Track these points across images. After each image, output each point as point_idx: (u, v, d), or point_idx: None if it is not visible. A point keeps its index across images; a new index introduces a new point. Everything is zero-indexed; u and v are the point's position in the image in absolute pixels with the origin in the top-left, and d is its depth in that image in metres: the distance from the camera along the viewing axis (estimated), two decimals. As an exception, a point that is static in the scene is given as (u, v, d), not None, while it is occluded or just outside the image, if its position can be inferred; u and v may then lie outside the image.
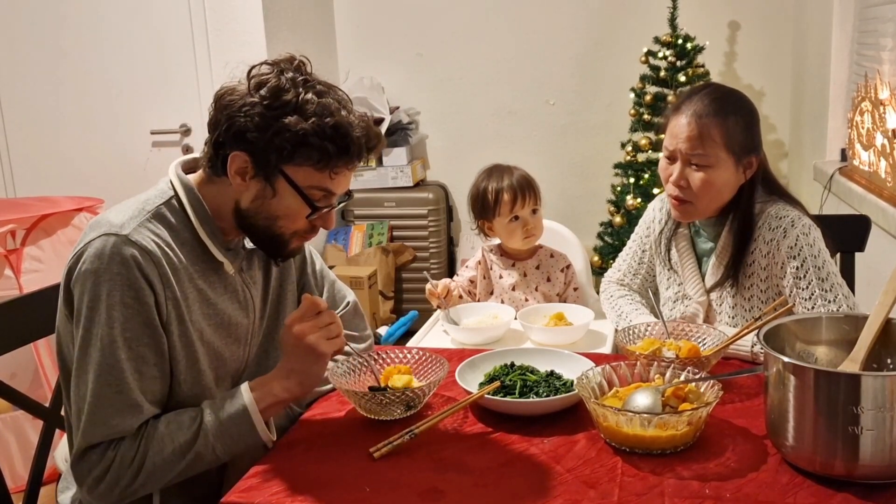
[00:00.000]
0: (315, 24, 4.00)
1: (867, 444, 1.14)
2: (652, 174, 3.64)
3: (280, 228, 1.40)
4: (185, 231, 1.39)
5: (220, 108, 1.35)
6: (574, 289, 2.31)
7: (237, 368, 1.49)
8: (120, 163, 3.73)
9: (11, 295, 2.15)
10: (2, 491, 1.52)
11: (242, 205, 1.39)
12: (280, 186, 1.35)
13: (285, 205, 1.37)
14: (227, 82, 1.37)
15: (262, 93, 1.31)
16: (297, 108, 1.31)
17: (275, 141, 1.31)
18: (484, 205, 2.27)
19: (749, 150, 1.74)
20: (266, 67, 1.35)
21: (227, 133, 1.33)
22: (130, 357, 1.30)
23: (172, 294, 1.34)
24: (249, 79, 1.34)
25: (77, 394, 1.32)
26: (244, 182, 1.36)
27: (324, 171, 1.35)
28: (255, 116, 1.31)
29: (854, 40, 3.17)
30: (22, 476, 2.68)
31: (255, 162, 1.34)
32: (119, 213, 1.36)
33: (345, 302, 1.69)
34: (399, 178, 4.05)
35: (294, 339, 1.36)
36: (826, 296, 1.68)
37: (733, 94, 1.79)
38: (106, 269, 1.29)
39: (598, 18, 3.98)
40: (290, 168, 1.34)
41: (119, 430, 1.29)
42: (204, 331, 1.40)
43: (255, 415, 1.34)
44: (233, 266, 1.45)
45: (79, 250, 1.32)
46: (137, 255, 1.30)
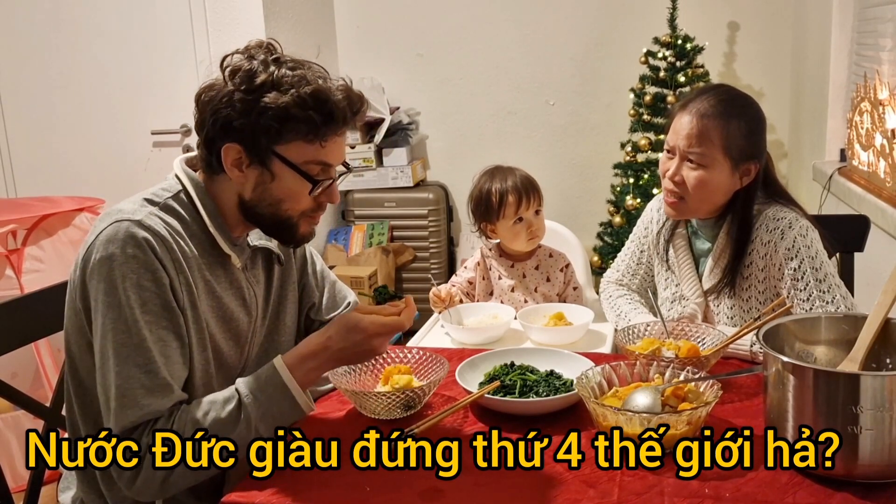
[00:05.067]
0: (316, 25, 4.01)
1: (866, 444, 1.14)
2: (651, 174, 3.65)
3: (286, 212, 1.39)
4: (194, 224, 1.39)
5: (202, 107, 1.35)
6: (574, 288, 2.31)
7: (234, 367, 1.48)
8: (121, 163, 3.73)
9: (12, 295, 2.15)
10: (3, 490, 1.52)
11: (245, 196, 1.39)
12: (277, 168, 1.35)
13: (286, 186, 1.37)
14: (204, 81, 1.37)
15: (237, 80, 1.32)
16: (274, 85, 1.31)
17: (260, 122, 1.31)
18: (487, 207, 2.24)
19: (748, 157, 1.73)
20: (237, 56, 1.35)
21: (214, 128, 1.34)
22: (153, 339, 1.28)
23: (185, 280, 1.34)
24: (223, 70, 1.34)
25: (104, 384, 1.29)
26: (242, 172, 1.36)
27: (314, 143, 1.35)
28: (237, 104, 1.31)
29: (853, 41, 3.17)
30: (23, 476, 2.68)
31: (247, 149, 1.34)
32: (129, 203, 1.36)
33: (346, 302, 1.70)
34: (399, 179, 4.06)
35: (362, 332, 1.35)
36: (824, 297, 1.68)
37: (741, 99, 1.78)
38: (120, 253, 1.28)
39: (598, 18, 3.98)
40: (282, 147, 1.34)
41: (151, 410, 1.26)
42: (209, 322, 1.40)
43: (297, 393, 1.32)
44: (239, 260, 1.45)
45: (90, 242, 1.31)
46: (150, 239, 1.29)
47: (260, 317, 1.52)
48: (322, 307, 1.66)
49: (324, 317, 1.66)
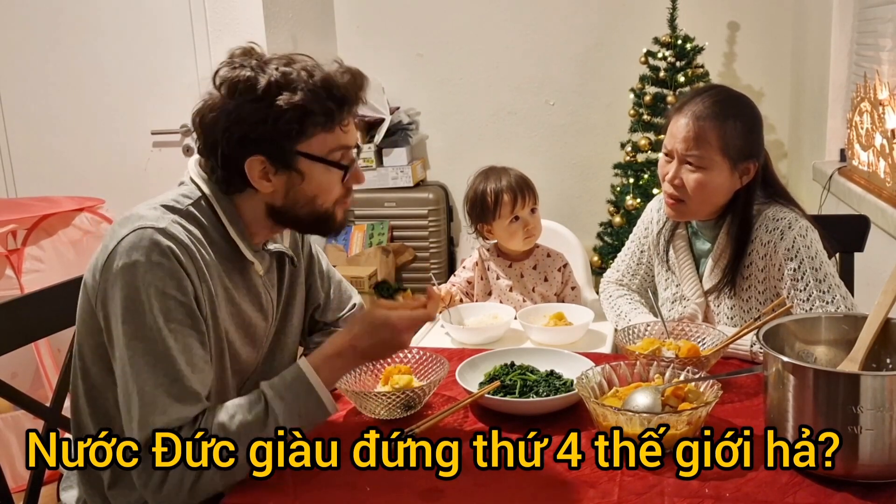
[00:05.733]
0: (315, 25, 4.01)
1: (866, 444, 1.14)
2: (651, 174, 3.65)
3: (322, 206, 1.38)
4: (213, 231, 1.37)
5: (208, 129, 1.33)
6: (572, 287, 2.31)
7: (247, 370, 1.48)
8: (121, 163, 3.73)
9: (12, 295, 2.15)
10: (3, 490, 1.52)
11: (277, 203, 1.37)
12: (304, 167, 1.34)
13: (317, 181, 1.35)
14: (197, 103, 1.35)
15: (239, 92, 1.29)
16: (280, 87, 1.29)
17: (279, 127, 1.29)
18: (483, 207, 2.24)
19: (747, 157, 1.73)
20: (225, 69, 1.33)
21: (230, 146, 1.31)
22: (179, 348, 1.25)
23: (207, 288, 1.32)
24: (219, 87, 1.32)
25: (126, 391, 1.25)
26: (270, 182, 1.34)
27: (334, 130, 1.34)
28: (248, 116, 1.29)
29: (853, 41, 3.17)
30: (23, 475, 2.68)
31: (272, 158, 1.32)
32: (149, 209, 1.33)
33: (351, 303, 1.69)
34: (399, 179, 4.06)
35: (390, 328, 1.33)
36: (824, 297, 1.68)
37: (736, 99, 1.78)
38: (145, 261, 1.25)
39: (598, 18, 3.98)
40: (305, 145, 1.32)
41: (179, 417, 1.23)
42: (228, 330, 1.39)
43: (323, 394, 1.30)
44: (262, 267, 1.43)
45: (111, 249, 1.28)
46: (174, 247, 1.27)
47: (274, 319, 1.52)
48: (327, 308, 1.66)
49: (328, 318, 1.66)
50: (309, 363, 1.32)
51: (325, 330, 1.65)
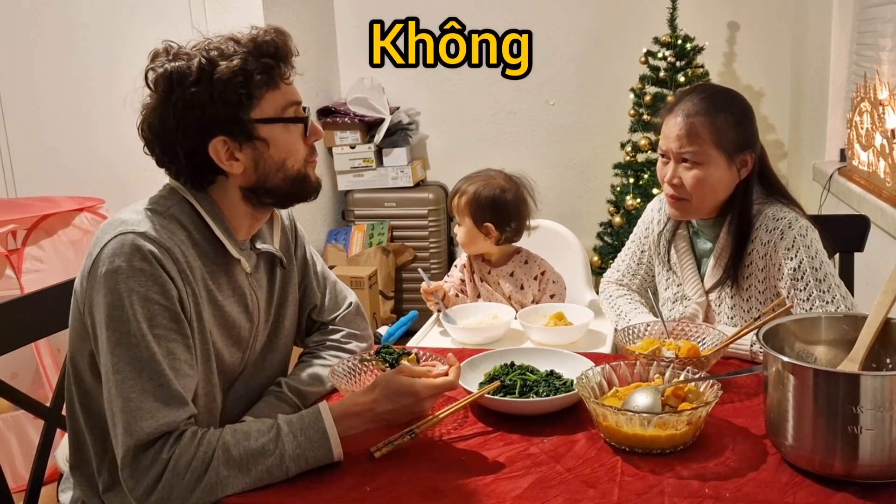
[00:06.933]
0: (315, 25, 4.01)
1: (866, 444, 1.14)
2: (651, 174, 3.65)
3: (293, 167, 1.38)
4: (197, 232, 1.36)
5: (159, 132, 1.33)
6: (551, 296, 2.25)
7: (233, 371, 1.47)
8: (120, 163, 3.72)
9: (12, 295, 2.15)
10: (3, 490, 1.52)
11: (250, 182, 1.37)
12: (265, 133, 1.34)
13: (281, 143, 1.36)
14: (137, 115, 1.35)
15: (175, 82, 1.29)
16: (214, 61, 1.30)
17: (228, 98, 1.30)
18: None
19: (742, 148, 1.75)
20: (152, 72, 1.32)
21: (188, 138, 1.31)
22: (163, 353, 1.25)
23: (191, 291, 1.32)
24: (154, 88, 1.32)
25: (110, 398, 1.25)
26: (238, 161, 1.34)
27: (279, 87, 1.35)
28: (194, 100, 1.29)
29: (853, 41, 3.18)
30: (23, 476, 2.68)
31: (231, 133, 1.32)
32: (131, 213, 1.33)
33: (346, 303, 1.69)
34: (399, 179, 4.06)
35: (414, 396, 1.34)
36: (824, 297, 1.68)
37: (723, 93, 1.81)
38: (127, 266, 1.25)
39: (598, 18, 3.98)
40: (258, 110, 1.33)
41: (166, 421, 1.22)
42: (212, 331, 1.39)
43: (334, 444, 1.29)
44: (248, 265, 1.43)
45: (95, 255, 1.28)
46: (156, 252, 1.27)
47: (262, 321, 1.51)
48: (324, 308, 1.66)
49: (325, 318, 1.66)
50: (330, 412, 1.31)
51: (322, 329, 1.66)
